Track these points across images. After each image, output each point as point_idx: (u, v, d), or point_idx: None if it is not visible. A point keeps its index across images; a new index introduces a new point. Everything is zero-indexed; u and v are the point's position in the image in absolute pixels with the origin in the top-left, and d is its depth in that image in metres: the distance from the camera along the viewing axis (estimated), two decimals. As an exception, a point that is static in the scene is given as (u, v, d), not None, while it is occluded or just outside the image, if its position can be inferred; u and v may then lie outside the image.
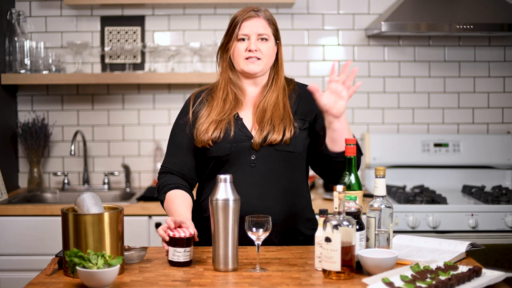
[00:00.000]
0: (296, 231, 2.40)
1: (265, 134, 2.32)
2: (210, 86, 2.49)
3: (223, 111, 2.37)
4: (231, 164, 2.34)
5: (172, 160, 2.43)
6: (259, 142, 2.32)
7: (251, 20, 2.37)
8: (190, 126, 2.40)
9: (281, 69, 2.44)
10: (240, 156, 2.34)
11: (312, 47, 3.96)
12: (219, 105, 2.38)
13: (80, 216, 1.95)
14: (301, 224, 2.42)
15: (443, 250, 2.19)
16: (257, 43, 2.36)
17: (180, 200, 2.33)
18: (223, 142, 2.33)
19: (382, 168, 2.08)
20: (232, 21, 2.40)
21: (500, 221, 3.34)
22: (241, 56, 2.37)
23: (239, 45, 2.37)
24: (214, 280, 1.94)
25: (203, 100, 2.44)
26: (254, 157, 2.34)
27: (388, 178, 3.68)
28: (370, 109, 3.98)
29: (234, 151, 2.33)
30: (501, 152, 3.88)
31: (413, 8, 3.65)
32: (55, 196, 3.81)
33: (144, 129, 3.98)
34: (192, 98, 2.47)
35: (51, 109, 3.95)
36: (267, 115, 2.35)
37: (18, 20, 3.76)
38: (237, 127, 2.36)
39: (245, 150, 2.34)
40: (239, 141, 2.34)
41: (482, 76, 3.99)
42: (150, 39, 3.95)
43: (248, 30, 2.36)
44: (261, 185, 2.33)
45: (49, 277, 1.97)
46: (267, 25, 2.39)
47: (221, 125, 2.34)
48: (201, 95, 2.46)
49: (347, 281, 1.91)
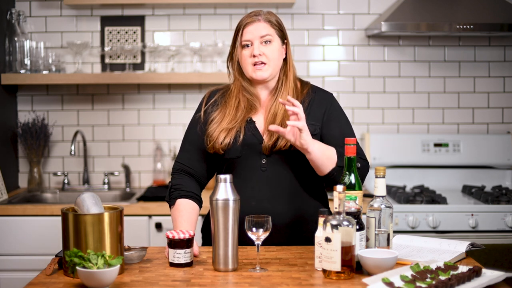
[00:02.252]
0: (308, 235, 2.35)
1: (274, 139, 2.31)
2: (225, 87, 2.47)
3: (235, 119, 2.36)
4: (242, 167, 2.34)
5: (186, 155, 2.44)
6: (268, 147, 2.32)
7: (252, 25, 2.35)
8: (201, 124, 2.41)
9: (289, 70, 2.40)
10: (251, 159, 2.34)
11: (312, 47, 3.96)
12: (231, 114, 2.37)
13: (80, 216, 1.95)
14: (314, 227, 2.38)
15: (443, 250, 2.19)
16: (260, 46, 2.33)
17: (187, 215, 2.32)
18: (234, 145, 2.33)
19: (382, 168, 2.08)
20: (236, 28, 2.39)
21: (500, 221, 3.34)
22: (248, 64, 2.35)
23: (244, 52, 2.35)
24: (214, 280, 1.94)
25: (217, 102, 2.43)
26: (264, 161, 2.34)
27: (388, 178, 3.68)
28: (370, 109, 3.98)
29: (245, 154, 2.33)
30: (501, 152, 3.88)
31: (413, 8, 3.65)
32: (55, 196, 3.81)
33: (144, 129, 3.98)
34: (206, 96, 2.47)
35: (51, 109, 3.95)
36: (277, 120, 2.33)
37: (18, 20, 3.76)
38: (249, 130, 2.35)
39: (256, 154, 2.34)
40: (250, 144, 2.33)
41: (482, 76, 3.99)
42: (150, 39, 3.95)
43: (250, 36, 2.34)
44: (272, 189, 2.33)
45: (49, 277, 1.97)
46: (269, 27, 2.35)
47: (232, 132, 2.34)
48: (215, 94, 2.45)
49: (347, 281, 1.91)
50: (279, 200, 2.34)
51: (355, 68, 3.96)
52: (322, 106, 2.39)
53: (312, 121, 2.34)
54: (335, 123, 2.39)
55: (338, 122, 2.40)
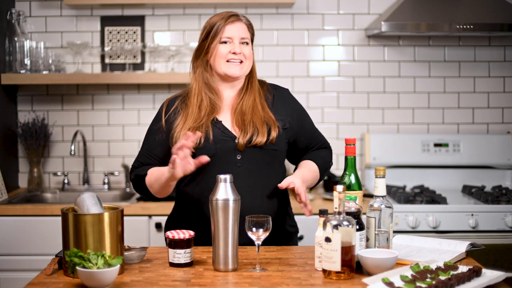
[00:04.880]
0: (282, 228, 2.45)
1: (249, 136, 2.35)
2: (183, 93, 2.49)
3: (199, 118, 2.38)
4: (217, 164, 2.33)
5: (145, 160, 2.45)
6: (243, 144, 2.35)
7: (234, 24, 2.41)
8: (164, 133, 2.42)
9: (254, 72, 2.49)
10: (226, 156, 2.35)
11: (312, 47, 3.96)
12: (194, 112, 2.39)
13: (80, 216, 1.95)
14: (284, 221, 2.48)
15: (443, 250, 2.19)
16: (240, 46, 2.40)
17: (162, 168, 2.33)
18: (206, 144, 2.33)
19: (382, 168, 2.08)
20: (212, 25, 2.41)
21: (500, 221, 3.34)
22: (223, 58, 2.39)
23: (222, 47, 2.39)
24: (214, 280, 1.95)
25: (177, 109, 2.44)
26: (239, 156, 2.35)
27: (388, 178, 3.68)
28: (370, 109, 3.98)
29: (220, 152, 2.34)
30: (501, 152, 3.88)
31: (413, 8, 3.65)
32: (55, 196, 3.81)
33: (144, 129, 3.91)
34: (165, 105, 2.48)
35: (51, 109, 3.95)
36: (247, 118, 2.38)
37: (18, 20, 3.76)
38: (217, 129, 2.37)
39: (230, 150, 2.35)
40: (223, 142, 2.35)
41: (482, 76, 3.99)
42: (150, 39, 3.95)
43: (231, 34, 2.39)
44: (249, 183, 2.35)
45: (49, 277, 1.98)
46: (247, 30, 2.44)
47: (199, 130, 2.34)
48: (174, 102, 2.46)
49: (347, 281, 1.91)
50: (257, 194, 2.36)
51: (355, 68, 3.96)
52: (285, 102, 2.50)
53: (280, 116, 2.43)
54: (304, 122, 2.53)
55: (306, 119, 2.54)
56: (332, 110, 3.97)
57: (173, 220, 2.49)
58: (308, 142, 2.53)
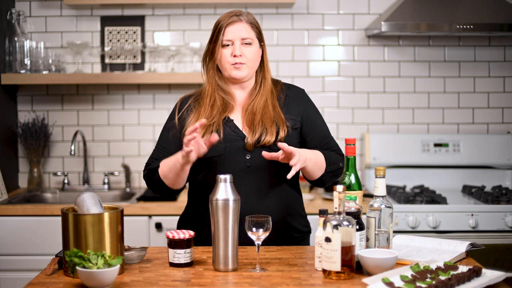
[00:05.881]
0: (293, 228, 2.44)
1: (257, 136, 2.34)
2: (197, 92, 2.50)
3: (211, 116, 2.38)
4: (226, 164, 2.34)
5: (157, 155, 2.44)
6: (252, 144, 2.35)
7: (234, 25, 2.39)
8: (177, 130, 2.42)
9: (267, 71, 2.46)
10: (235, 155, 2.35)
11: (312, 47, 3.96)
12: (207, 111, 2.40)
13: (80, 216, 1.95)
14: (296, 221, 2.46)
15: (443, 250, 2.19)
16: (241, 47, 2.38)
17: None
18: (217, 142, 2.32)
19: (382, 168, 2.08)
20: (216, 27, 2.42)
21: (500, 221, 3.34)
22: (227, 63, 2.39)
23: (225, 51, 2.39)
24: (214, 280, 1.95)
25: (190, 107, 2.45)
26: (249, 156, 2.35)
27: (388, 178, 3.68)
28: (370, 109, 3.98)
29: (229, 151, 2.34)
30: (501, 152, 3.88)
31: (413, 8, 3.65)
32: (55, 196, 3.81)
33: (144, 129, 3.98)
34: (178, 103, 2.48)
35: (51, 109, 3.95)
36: (256, 117, 2.37)
37: (18, 20, 3.76)
38: (228, 128, 2.38)
39: (239, 150, 2.35)
40: (233, 141, 2.35)
41: (482, 76, 3.99)
42: (150, 39, 3.95)
43: (231, 36, 2.38)
44: (258, 184, 2.35)
45: (49, 277, 1.98)
46: (250, 29, 2.41)
47: (210, 128, 2.35)
48: (188, 101, 2.47)
49: (347, 281, 1.91)
50: (265, 194, 2.36)
51: (355, 68, 3.96)
52: (298, 102, 2.47)
53: (291, 116, 2.42)
54: (317, 122, 2.49)
55: (319, 120, 2.50)
56: (332, 110, 3.97)
57: (185, 219, 2.50)
58: (319, 143, 2.46)
